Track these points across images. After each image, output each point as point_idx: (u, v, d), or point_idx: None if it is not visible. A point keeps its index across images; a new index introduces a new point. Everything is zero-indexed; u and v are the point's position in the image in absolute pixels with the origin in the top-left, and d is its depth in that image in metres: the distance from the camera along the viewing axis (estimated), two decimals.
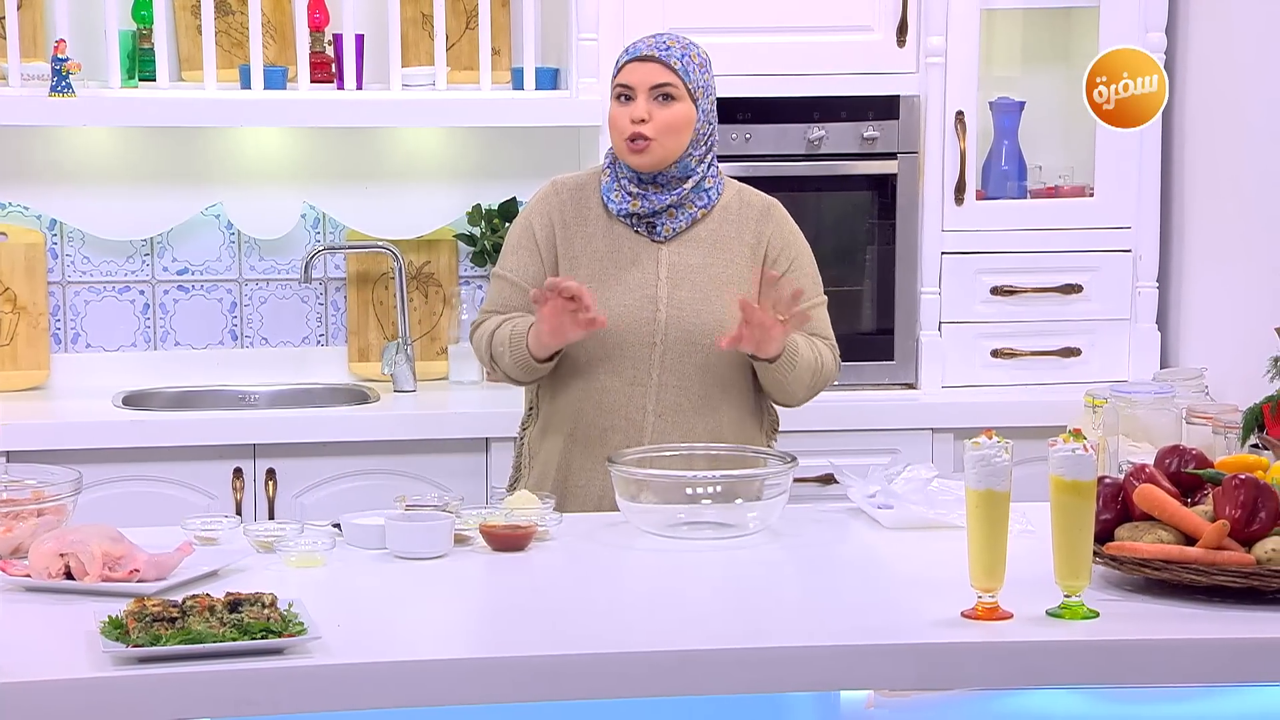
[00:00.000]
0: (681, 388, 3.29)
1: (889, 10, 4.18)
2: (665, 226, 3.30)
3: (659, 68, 3.26)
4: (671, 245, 3.31)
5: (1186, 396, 3.80)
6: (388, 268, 4.44)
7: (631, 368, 3.28)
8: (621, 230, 3.32)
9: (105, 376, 4.35)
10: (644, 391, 3.29)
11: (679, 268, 3.30)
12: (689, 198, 3.31)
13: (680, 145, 3.26)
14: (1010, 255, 4.28)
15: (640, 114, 3.24)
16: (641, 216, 3.30)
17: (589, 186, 3.37)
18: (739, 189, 3.40)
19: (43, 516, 2.85)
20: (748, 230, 3.34)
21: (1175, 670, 2.47)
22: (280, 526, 2.94)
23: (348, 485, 4.04)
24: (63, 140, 4.31)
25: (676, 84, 3.26)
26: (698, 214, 3.32)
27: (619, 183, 3.31)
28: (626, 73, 3.28)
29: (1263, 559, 2.57)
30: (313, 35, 4.27)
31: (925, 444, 4.15)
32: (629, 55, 3.30)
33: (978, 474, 2.53)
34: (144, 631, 2.34)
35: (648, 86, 3.25)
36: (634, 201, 3.29)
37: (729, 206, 3.35)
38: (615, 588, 2.81)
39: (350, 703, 2.35)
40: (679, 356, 3.28)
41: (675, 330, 3.28)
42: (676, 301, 3.28)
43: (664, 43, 3.30)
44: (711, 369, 3.30)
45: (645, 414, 3.29)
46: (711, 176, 3.34)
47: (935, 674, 2.47)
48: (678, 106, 3.25)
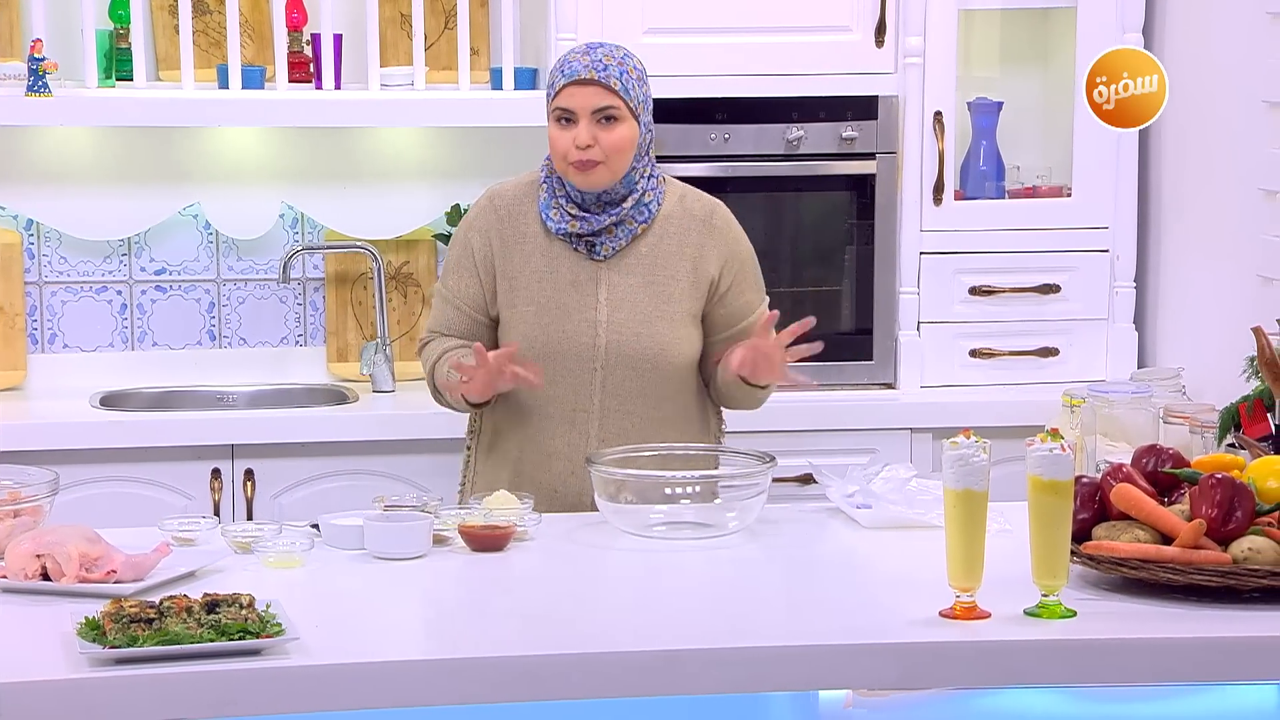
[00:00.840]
0: (625, 411, 3.25)
1: (867, 11, 4.19)
2: (605, 246, 3.25)
3: (600, 90, 3.18)
4: (610, 265, 3.26)
5: (1163, 396, 3.81)
6: (366, 268, 4.43)
7: (573, 394, 3.24)
8: (560, 249, 3.27)
9: (83, 377, 4.33)
10: (587, 417, 3.25)
11: (619, 288, 3.25)
12: (629, 214, 3.25)
13: (626, 164, 3.21)
14: (988, 255, 4.29)
15: (585, 139, 3.17)
16: (580, 236, 3.26)
17: (527, 200, 3.30)
18: (682, 195, 3.33)
19: (19, 517, 2.84)
20: (689, 244, 3.29)
21: (1152, 669, 2.48)
22: (258, 527, 2.93)
23: (326, 486, 4.03)
24: (40, 140, 4.29)
25: (619, 105, 3.19)
26: (637, 230, 3.26)
27: (557, 200, 3.26)
28: (566, 96, 3.20)
29: (1239, 558, 2.58)
30: (291, 35, 4.26)
31: (904, 444, 4.15)
32: (566, 77, 3.21)
33: (956, 474, 2.53)
34: (121, 633, 2.34)
35: (589, 110, 3.18)
36: (573, 222, 3.24)
37: (670, 218, 3.29)
38: (594, 588, 2.81)
39: (329, 703, 2.35)
40: (620, 381, 3.24)
41: (615, 354, 3.24)
42: (616, 325, 3.24)
43: (600, 61, 3.20)
44: (654, 392, 3.26)
45: (589, 439, 3.25)
46: (651, 190, 3.28)
47: (914, 673, 2.48)
48: (621, 128, 3.19)
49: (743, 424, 3.98)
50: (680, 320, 3.26)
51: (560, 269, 3.26)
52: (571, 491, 3.25)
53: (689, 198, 3.34)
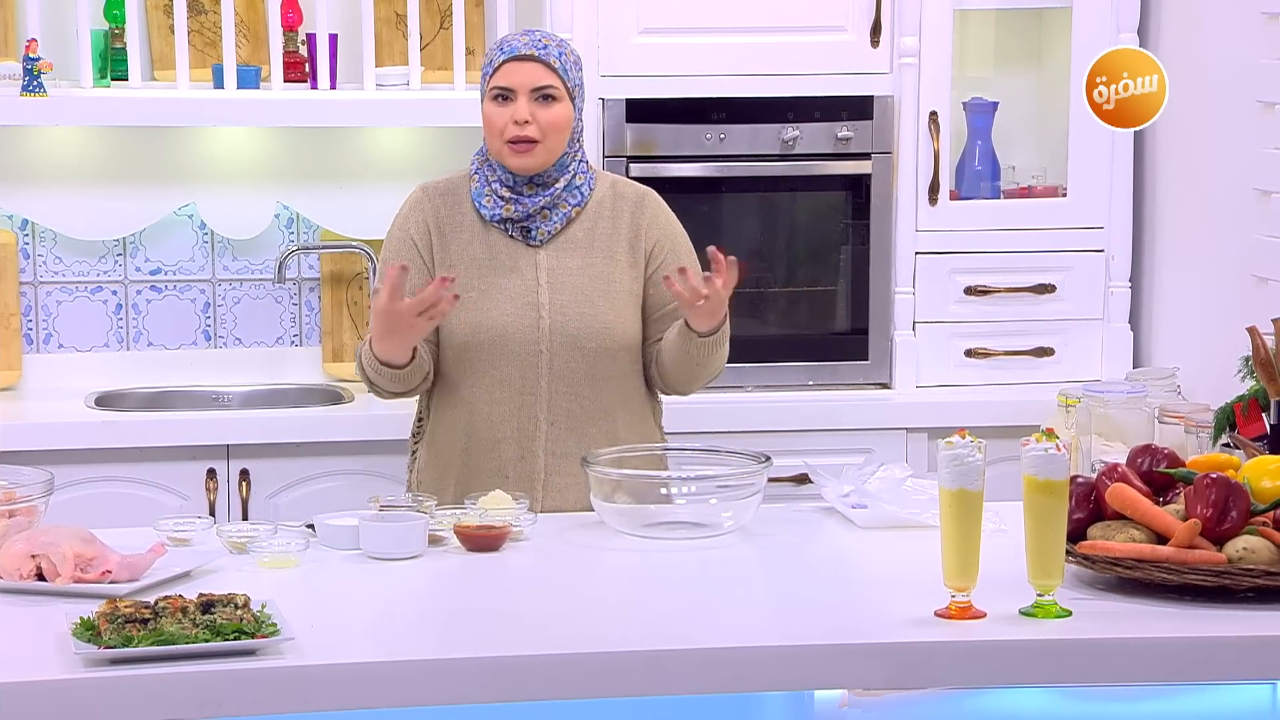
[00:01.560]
0: (573, 393, 3.25)
1: (862, 11, 4.19)
2: (540, 230, 3.26)
3: (540, 68, 3.20)
4: (548, 249, 3.27)
5: (1159, 396, 3.82)
6: (361, 268, 4.43)
7: (519, 377, 3.24)
8: (497, 236, 3.27)
9: (77, 377, 4.33)
10: (534, 400, 3.24)
11: (558, 271, 3.26)
12: (561, 197, 3.26)
13: (562, 146, 3.22)
14: (984, 255, 4.29)
15: (523, 115, 3.18)
16: (515, 221, 3.25)
17: (460, 191, 3.31)
18: (613, 182, 3.35)
19: (14, 517, 2.83)
20: (623, 224, 3.30)
21: (1147, 669, 2.48)
22: (253, 527, 2.93)
23: (321, 486, 4.03)
24: (35, 140, 4.29)
25: (557, 84, 3.21)
26: (571, 213, 3.27)
27: (489, 186, 3.26)
28: (506, 73, 3.21)
29: (1234, 558, 2.58)
30: (286, 35, 4.26)
31: (899, 443, 4.15)
32: (505, 54, 3.22)
33: (951, 473, 2.53)
34: (116, 633, 2.34)
35: (529, 88, 3.19)
36: (507, 206, 3.24)
37: (603, 202, 3.31)
38: (589, 588, 2.81)
39: (324, 703, 2.34)
40: (566, 362, 3.24)
41: (560, 336, 3.23)
42: (558, 306, 3.24)
43: (540, 41, 3.23)
44: (601, 372, 3.26)
45: (538, 423, 3.24)
46: (582, 173, 3.29)
47: (909, 673, 2.48)
48: (558, 107, 3.20)
49: (737, 423, 4.00)
50: (622, 300, 3.26)
51: (499, 255, 3.27)
52: (523, 476, 3.25)
53: (620, 184, 3.36)
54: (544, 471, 3.25)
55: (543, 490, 3.25)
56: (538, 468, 3.25)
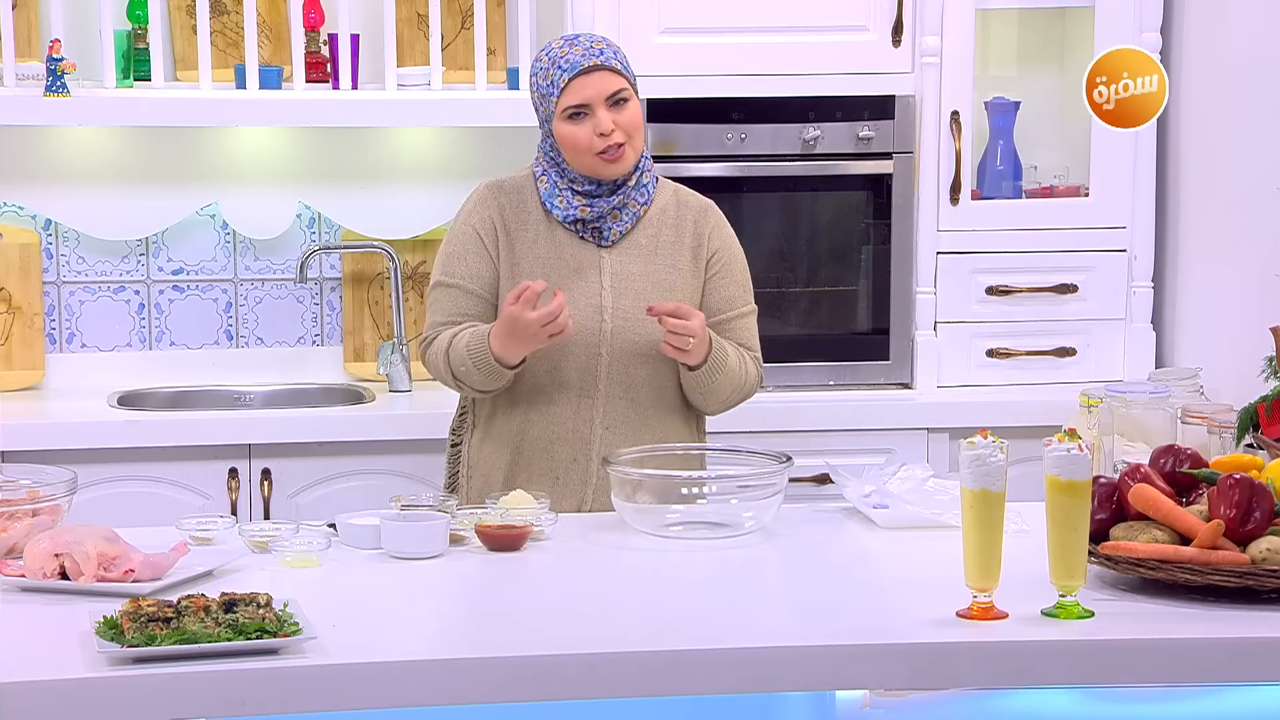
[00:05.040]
0: (629, 399, 3.26)
1: (884, 10, 4.18)
2: (612, 230, 3.26)
3: (607, 75, 3.19)
4: (613, 253, 3.27)
5: (1181, 396, 3.80)
6: (383, 267, 4.44)
7: (579, 379, 3.25)
8: (563, 236, 3.27)
9: (100, 376, 4.34)
10: (591, 404, 3.25)
11: (622, 276, 3.26)
12: (631, 196, 3.26)
13: (642, 141, 3.25)
14: (1005, 255, 4.28)
15: (607, 126, 3.17)
16: (588, 222, 3.25)
17: (525, 190, 3.31)
18: (675, 190, 3.36)
19: (38, 516, 2.84)
20: (687, 232, 3.31)
21: (1170, 670, 2.47)
22: (275, 526, 2.94)
23: (343, 485, 4.04)
24: (58, 140, 4.30)
25: (625, 85, 3.21)
26: (640, 212, 3.27)
27: (560, 189, 3.26)
28: (576, 89, 3.18)
29: (1257, 558, 2.57)
30: (308, 35, 4.27)
31: (921, 444, 4.15)
32: (569, 70, 3.19)
33: (973, 474, 2.53)
34: (139, 631, 2.34)
35: (603, 98, 3.18)
36: (583, 208, 3.24)
37: (666, 209, 3.31)
38: (610, 588, 2.81)
39: (345, 703, 2.35)
40: (625, 367, 3.25)
41: (621, 340, 3.24)
42: (621, 311, 3.24)
43: (594, 47, 3.22)
44: (656, 379, 3.27)
45: (593, 426, 3.25)
46: (647, 170, 3.30)
47: (930, 674, 2.47)
48: (632, 105, 3.21)
49: (759, 423, 3.99)
50: None
51: (564, 255, 3.27)
52: (574, 478, 3.25)
53: (683, 193, 3.37)
54: (595, 475, 3.25)
55: (592, 494, 3.25)
56: (590, 470, 3.25)
